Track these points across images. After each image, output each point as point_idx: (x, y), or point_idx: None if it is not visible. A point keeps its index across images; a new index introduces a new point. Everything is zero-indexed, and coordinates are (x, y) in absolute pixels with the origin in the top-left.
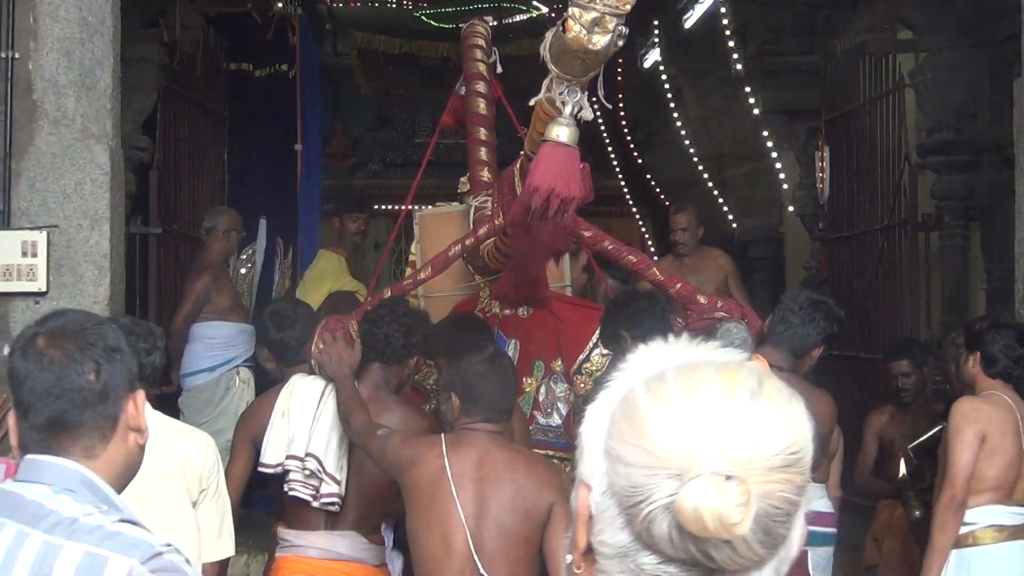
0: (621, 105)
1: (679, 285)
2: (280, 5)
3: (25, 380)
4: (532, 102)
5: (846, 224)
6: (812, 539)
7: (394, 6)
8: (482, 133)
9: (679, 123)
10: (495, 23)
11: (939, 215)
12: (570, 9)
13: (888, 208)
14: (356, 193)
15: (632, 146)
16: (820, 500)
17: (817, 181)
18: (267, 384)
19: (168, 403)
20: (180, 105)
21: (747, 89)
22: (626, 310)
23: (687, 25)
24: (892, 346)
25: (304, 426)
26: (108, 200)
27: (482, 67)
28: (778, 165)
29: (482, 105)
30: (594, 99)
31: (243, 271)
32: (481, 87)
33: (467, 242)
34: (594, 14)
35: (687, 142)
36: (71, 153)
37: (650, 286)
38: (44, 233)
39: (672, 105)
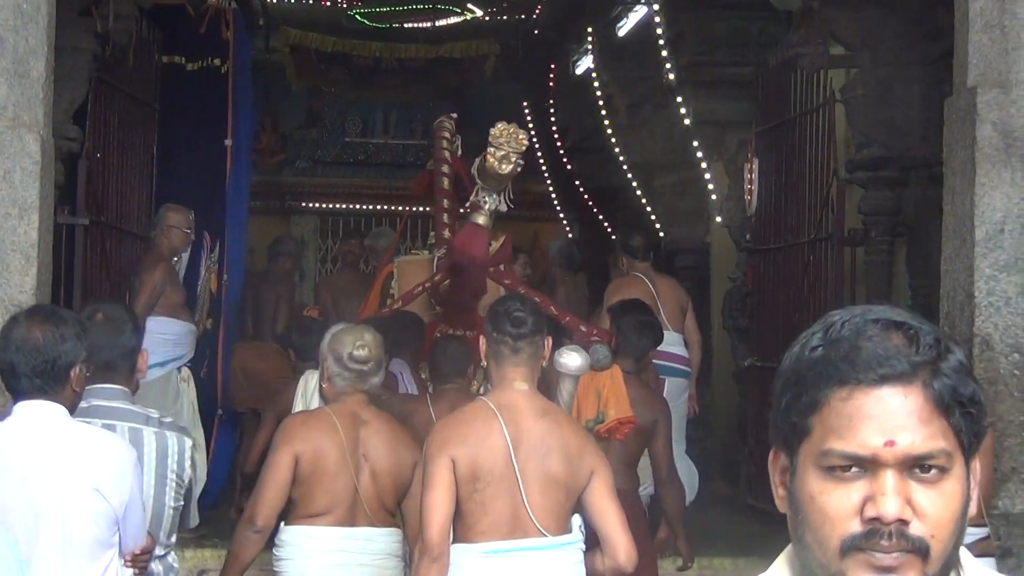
0: (552, 110)
1: (568, 318)
2: None
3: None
4: (467, 204)
5: (773, 237)
6: (667, 371)
7: (328, 4)
8: (445, 203)
9: (609, 130)
10: (429, 24)
11: (865, 231)
12: (489, 148)
13: (815, 222)
14: (283, 190)
15: (562, 151)
16: (676, 346)
17: (745, 193)
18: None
19: None
20: (111, 96)
21: (678, 99)
22: None
23: (621, 33)
24: None
25: (316, 404)
26: (38, 189)
27: (447, 154)
28: (707, 176)
29: (446, 183)
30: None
31: None
32: (446, 169)
33: (426, 284)
34: (503, 152)
35: (617, 149)
36: (1, 141)
37: None
38: None
39: (603, 112)
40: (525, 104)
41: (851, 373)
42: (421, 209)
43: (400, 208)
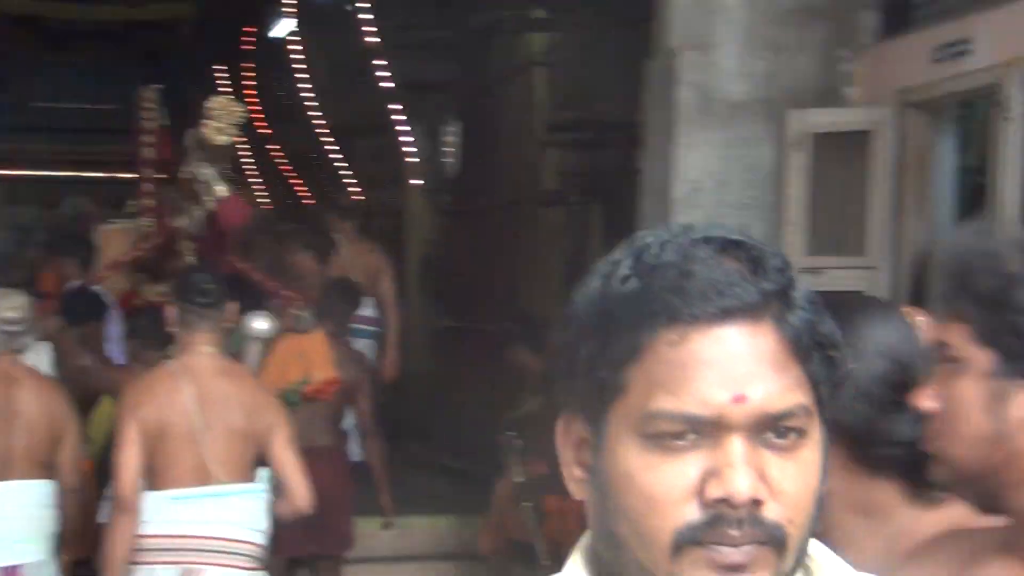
0: (249, 75)
1: (269, 284)
2: None
3: None
4: (181, 174)
5: (470, 199)
6: (354, 333)
7: None
8: (148, 173)
9: (309, 95)
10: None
11: (563, 192)
12: (205, 120)
13: (513, 184)
14: None
15: (258, 117)
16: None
17: (444, 156)
18: None
19: None
20: None
21: (379, 62)
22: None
23: None
24: None
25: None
26: None
27: (152, 125)
28: (406, 139)
29: (149, 153)
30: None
31: None
32: (149, 139)
33: (136, 252)
34: (220, 124)
35: (315, 113)
36: None
37: None
38: None
39: (302, 76)
40: (223, 68)
41: (683, 307)
42: (116, 176)
43: (94, 175)
